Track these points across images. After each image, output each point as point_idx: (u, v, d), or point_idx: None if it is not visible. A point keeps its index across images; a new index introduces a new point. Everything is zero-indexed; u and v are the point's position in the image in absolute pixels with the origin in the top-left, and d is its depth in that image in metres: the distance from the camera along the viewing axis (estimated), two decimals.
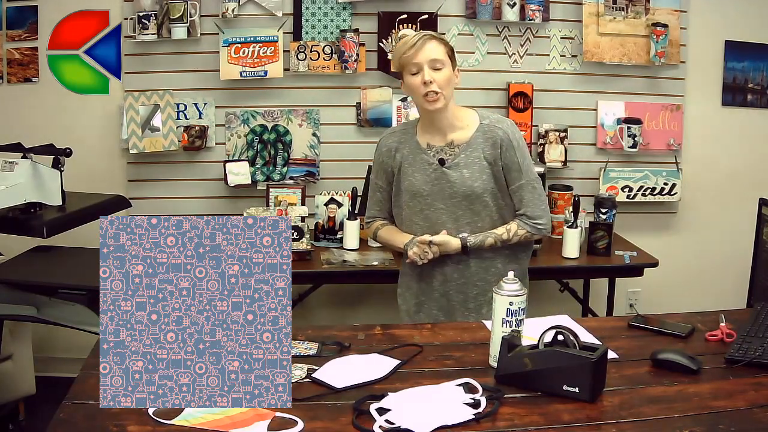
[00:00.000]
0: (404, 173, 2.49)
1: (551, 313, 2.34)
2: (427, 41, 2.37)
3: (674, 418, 1.66)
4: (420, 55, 2.35)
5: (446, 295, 2.52)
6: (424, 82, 2.35)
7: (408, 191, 2.48)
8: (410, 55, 2.36)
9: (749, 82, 3.92)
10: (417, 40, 2.36)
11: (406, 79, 2.41)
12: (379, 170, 2.57)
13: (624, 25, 3.74)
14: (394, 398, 1.71)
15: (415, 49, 2.35)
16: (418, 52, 2.35)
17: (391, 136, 2.54)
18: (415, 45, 2.36)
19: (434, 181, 2.44)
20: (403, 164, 2.49)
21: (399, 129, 2.57)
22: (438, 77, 2.36)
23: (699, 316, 2.25)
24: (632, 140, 3.77)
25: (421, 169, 2.46)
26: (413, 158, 2.47)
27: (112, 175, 3.67)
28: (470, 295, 2.50)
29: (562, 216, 3.49)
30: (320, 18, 3.62)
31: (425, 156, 2.46)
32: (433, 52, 2.36)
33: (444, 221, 2.46)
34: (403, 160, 2.49)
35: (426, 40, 2.37)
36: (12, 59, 3.61)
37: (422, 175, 2.46)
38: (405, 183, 2.48)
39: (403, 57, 2.38)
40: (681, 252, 3.97)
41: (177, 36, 3.51)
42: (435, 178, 2.44)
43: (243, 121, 3.68)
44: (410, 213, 2.50)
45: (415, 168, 2.47)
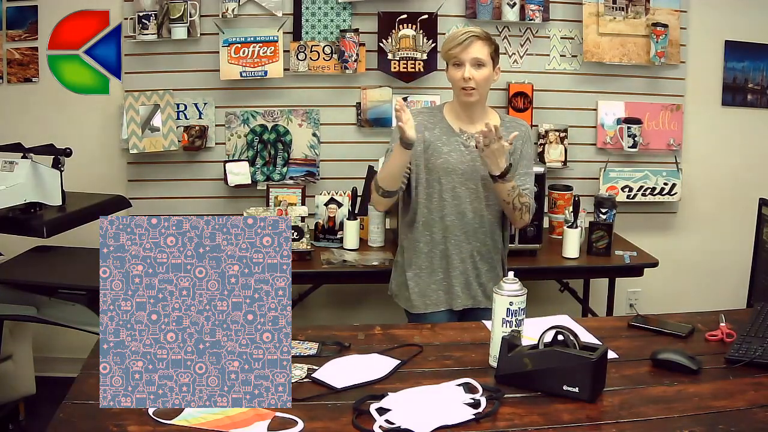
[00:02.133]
0: (436, 151, 2.63)
1: (551, 313, 2.34)
2: (473, 41, 2.55)
3: (674, 418, 1.66)
4: (464, 53, 2.55)
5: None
6: (464, 78, 2.55)
7: (442, 168, 2.62)
8: (455, 51, 2.56)
9: (749, 82, 3.92)
10: (464, 39, 2.55)
11: (449, 70, 2.62)
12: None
13: (624, 25, 3.74)
14: (394, 398, 1.71)
15: (461, 48, 2.55)
16: (463, 50, 2.55)
17: (421, 114, 2.69)
18: (461, 43, 2.55)
19: (469, 162, 2.62)
20: (433, 142, 2.63)
21: (424, 110, 2.77)
22: (477, 75, 2.56)
23: (699, 316, 2.25)
24: (632, 140, 3.77)
25: (457, 149, 2.63)
26: (446, 138, 2.64)
27: (112, 175, 3.67)
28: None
29: (562, 216, 3.48)
30: (320, 18, 3.62)
31: (459, 138, 2.64)
32: (477, 51, 2.55)
33: (471, 200, 2.64)
34: (435, 139, 2.64)
35: (473, 39, 2.55)
36: (12, 59, 3.61)
37: (458, 155, 2.62)
38: (439, 160, 2.62)
39: (449, 52, 2.58)
40: (681, 252, 3.97)
41: (177, 36, 3.51)
42: (470, 159, 2.61)
43: (243, 121, 3.68)
44: (440, 189, 2.63)
45: (451, 147, 2.63)
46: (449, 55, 2.59)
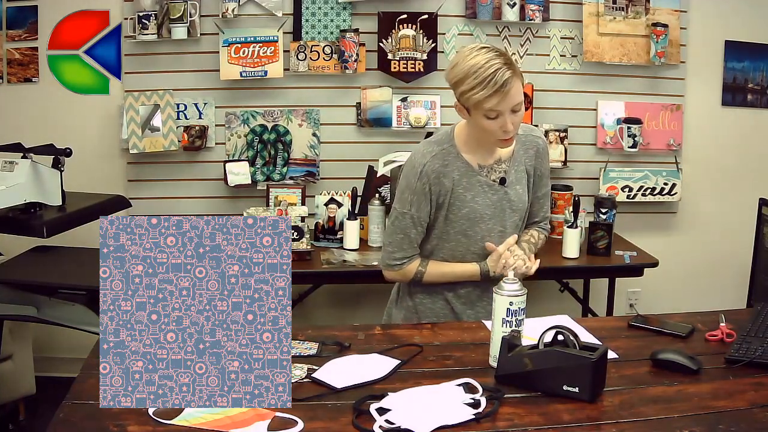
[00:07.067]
0: (459, 199, 2.20)
1: (551, 313, 2.34)
2: (513, 84, 2.01)
3: (674, 418, 1.66)
4: (504, 103, 2.03)
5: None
6: (505, 130, 2.08)
7: (467, 219, 2.21)
8: (494, 103, 2.02)
9: (749, 82, 3.92)
10: (501, 84, 1.99)
11: (476, 118, 2.08)
12: (420, 201, 2.20)
13: (624, 25, 3.74)
14: (394, 398, 1.71)
15: (500, 97, 2.01)
16: (503, 100, 2.02)
17: (433, 160, 2.18)
18: (500, 92, 2.00)
19: (496, 203, 2.22)
20: (455, 189, 2.19)
21: (436, 149, 2.20)
22: (516, 120, 2.08)
23: (699, 316, 2.25)
24: (632, 140, 3.77)
25: (481, 192, 2.21)
26: (468, 182, 2.19)
27: (112, 175, 3.67)
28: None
29: (562, 216, 3.48)
30: (320, 18, 3.62)
31: (480, 177, 2.21)
32: (518, 94, 2.04)
33: (497, 243, 2.24)
34: (456, 185, 2.19)
35: (512, 83, 2.01)
36: (12, 59, 3.61)
37: (483, 199, 2.21)
38: (463, 210, 2.20)
39: (481, 102, 2.03)
40: (681, 252, 3.97)
41: (177, 36, 3.51)
42: (497, 199, 2.22)
43: (243, 121, 3.68)
44: (468, 242, 2.24)
45: (474, 192, 2.20)
46: (482, 107, 2.03)
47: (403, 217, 2.23)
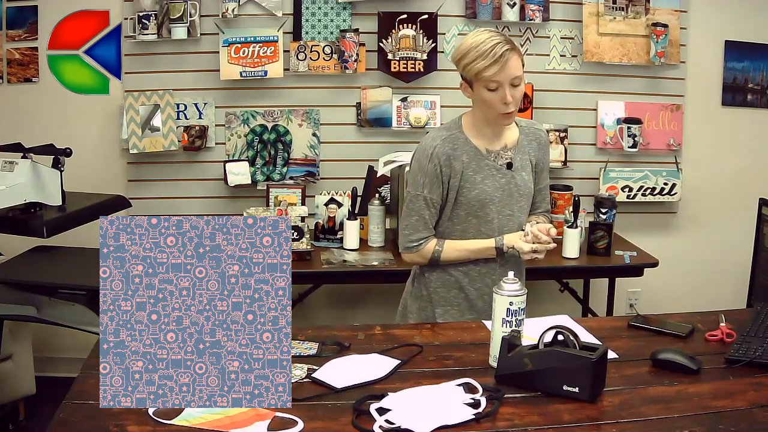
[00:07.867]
0: (469, 182, 2.29)
1: (551, 313, 2.34)
2: (511, 56, 2.15)
3: (674, 418, 1.66)
4: (503, 73, 2.16)
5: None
6: (505, 102, 2.19)
7: (477, 201, 2.29)
8: (492, 73, 2.15)
9: (749, 82, 3.92)
10: (500, 55, 2.14)
11: (478, 91, 2.21)
12: (432, 183, 2.29)
13: (624, 25, 3.74)
14: (394, 398, 1.71)
15: (499, 66, 2.14)
16: (502, 69, 2.15)
17: (444, 143, 2.28)
18: (498, 61, 2.14)
19: (504, 186, 2.32)
20: (465, 172, 2.28)
21: (445, 134, 2.31)
22: (516, 94, 2.20)
23: (699, 316, 2.25)
24: (632, 140, 3.77)
25: (490, 175, 2.30)
26: (477, 165, 2.29)
27: (112, 175, 3.67)
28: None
29: (562, 216, 3.48)
30: (320, 18, 3.62)
31: (488, 161, 2.30)
32: (516, 68, 2.17)
33: (510, 227, 2.35)
34: (465, 168, 2.28)
35: (510, 55, 2.15)
36: (12, 59, 3.61)
37: (492, 182, 2.30)
38: (473, 192, 2.29)
39: (482, 72, 2.16)
40: (681, 252, 3.97)
41: (177, 36, 3.51)
42: (505, 183, 2.32)
43: (243, 121, 3.68)
44: (478, 223, 2.32)
45: (484, 175, 2.29)
46: (483, 77, 2.17)
47: (417, 199, 2.32)
